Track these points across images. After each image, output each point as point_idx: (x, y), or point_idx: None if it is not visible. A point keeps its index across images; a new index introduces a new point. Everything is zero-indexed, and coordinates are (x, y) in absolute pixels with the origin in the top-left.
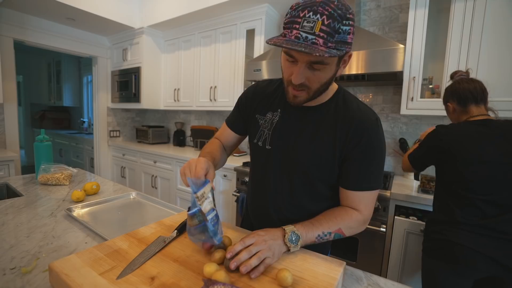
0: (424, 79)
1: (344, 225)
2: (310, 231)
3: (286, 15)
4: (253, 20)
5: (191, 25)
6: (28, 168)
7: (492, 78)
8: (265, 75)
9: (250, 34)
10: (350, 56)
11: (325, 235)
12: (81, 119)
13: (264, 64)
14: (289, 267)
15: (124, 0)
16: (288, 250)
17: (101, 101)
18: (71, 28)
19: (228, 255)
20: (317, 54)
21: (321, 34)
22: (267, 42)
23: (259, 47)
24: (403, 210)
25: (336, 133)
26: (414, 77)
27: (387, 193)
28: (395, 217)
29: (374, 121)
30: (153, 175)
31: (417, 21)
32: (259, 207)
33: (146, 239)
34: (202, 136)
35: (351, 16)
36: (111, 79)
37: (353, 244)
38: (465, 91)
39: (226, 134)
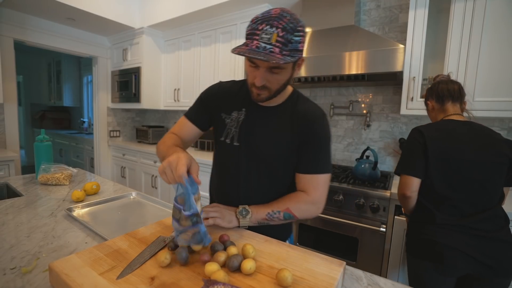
0: (424, 79)
1: (292, 205)
2: (260, 210)
3: (248, 27)
4: None
5: (191, 25)
6: (28, 168)
7: (492, 78)
8: None
9: None
10: (302, 60)
11: (275, 213)
12: (81, 119)
13: None
14: (289, 267)
15: (124, 0)
16: (239, 224)
17: (101, 101)
18: (71, 28)
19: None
20: (274, 61)
21: (277, 44)
22: (232, 51)
23: None
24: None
25: (293, 126)
26: (414, 77)
27: (387, 193)
28: (395, 217)
29: (321, 116)
30: (153, 175)
31: (417, 21)
32: (231, 202)
33: (146, 239)
34: (201, 136)
35: (301, 28)
36: (111, 79)
37: (353, 244)
38: (443, 90)
39: (186, 129)
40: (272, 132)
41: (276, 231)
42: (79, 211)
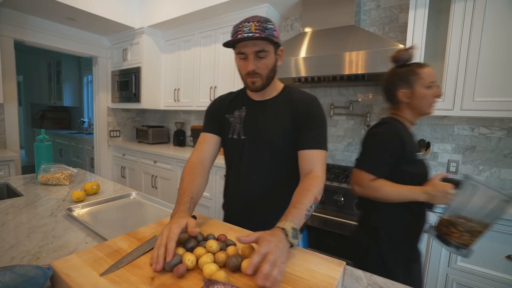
0: None
1: (315, 192)
2: (299, 216)
3: (231, 32)
4: None
5: (191, 25)
6: (28, 168)
7: (492, 78)
8: None
9: None
10: (282, 50)
11: (309, 211)
12: (81, 119)
13: None
14: (289, 267)
15: (124, 0)
16: (292, 245)
17: (101, 101)
18: (71, 28)
19: (249, 271)
20: (257, 35)
21: (256, 31)
22: (223, 45)
23: None
24: None
25: (291, 111)
26: None
27: None
28: None
29: (314, 99)
30: (153, 175)
31: (417, 21)
32: (246, 190)
33: (146, 239)
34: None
35: (271, 21)
36: (111, 79)
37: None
38: None
39: (207, 142)
40: (273, 117)
41: None
42: (79, 211)
